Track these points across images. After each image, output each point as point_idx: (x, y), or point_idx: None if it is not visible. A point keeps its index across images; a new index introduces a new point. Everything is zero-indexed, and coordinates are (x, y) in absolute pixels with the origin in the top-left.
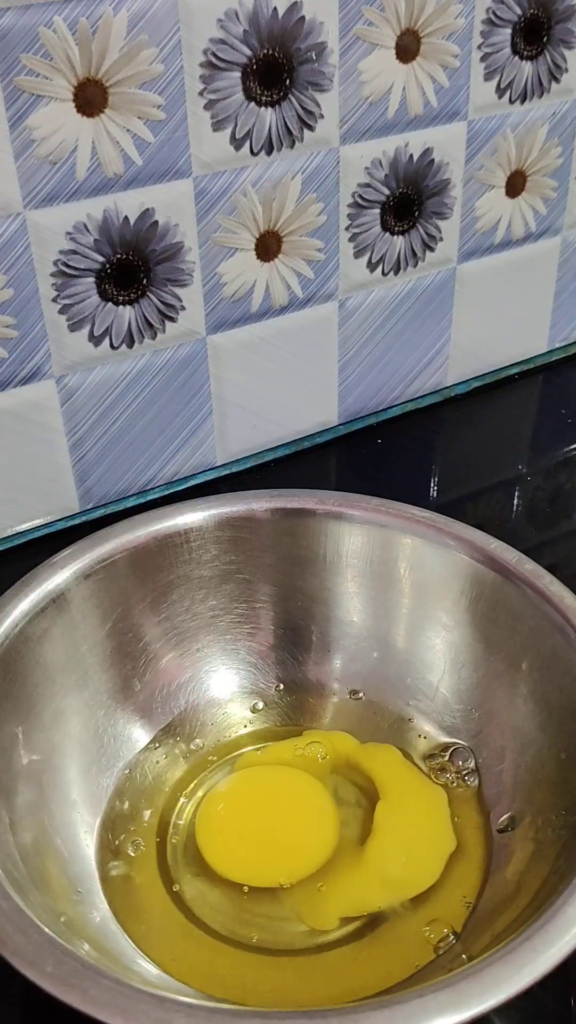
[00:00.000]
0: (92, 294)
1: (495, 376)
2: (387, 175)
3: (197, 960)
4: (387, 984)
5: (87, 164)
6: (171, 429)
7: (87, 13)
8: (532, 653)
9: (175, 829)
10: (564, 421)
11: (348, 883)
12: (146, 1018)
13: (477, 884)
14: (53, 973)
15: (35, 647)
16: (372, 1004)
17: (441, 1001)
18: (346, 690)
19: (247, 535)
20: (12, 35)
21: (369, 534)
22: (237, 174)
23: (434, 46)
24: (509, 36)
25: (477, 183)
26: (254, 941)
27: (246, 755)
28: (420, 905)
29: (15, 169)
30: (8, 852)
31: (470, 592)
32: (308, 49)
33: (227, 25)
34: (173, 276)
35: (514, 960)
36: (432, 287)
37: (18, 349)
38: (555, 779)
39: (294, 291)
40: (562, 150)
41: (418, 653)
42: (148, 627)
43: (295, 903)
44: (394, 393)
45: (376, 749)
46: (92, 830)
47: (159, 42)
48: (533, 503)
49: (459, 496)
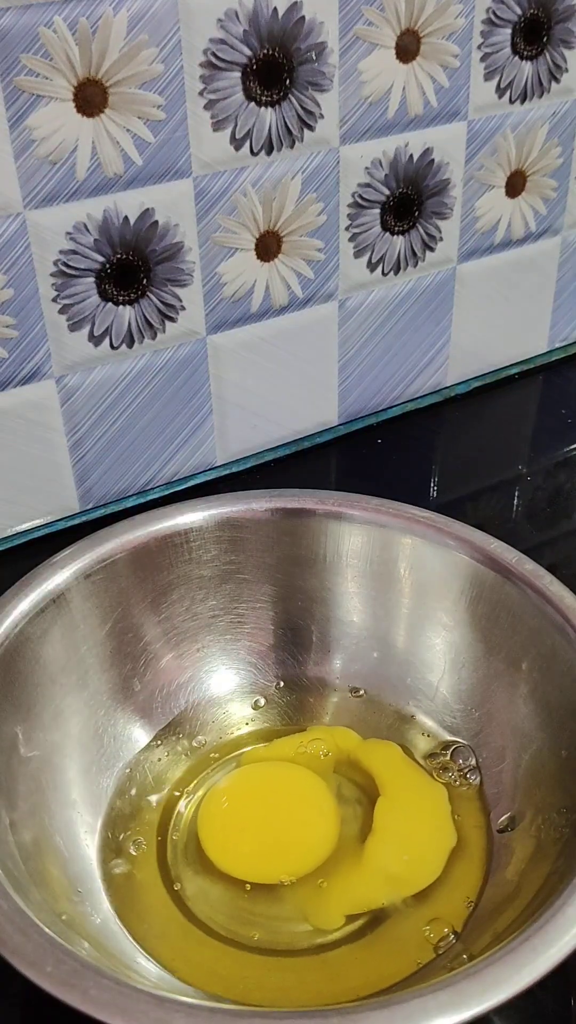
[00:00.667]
0: (92, 294)
1: (495, 376)
2: (387, 175)
3: (198, 959)
4: (387, 984)
5: (87, 164)
6: (171, 429)
7: (87, 13)
8: (532, 653)
9: (176, 828)
10: (564, 421)
11: (349, 880)
12: (146, 1018)
13: (478, 883)
14: (53, 973)
15: (35, 647)
16: (372, 1004)
17: (441, 1001)
18: (347, 687)
19: (247, 535)
20: (12, 35)
21: (369, 534)
22: (237, 174)
23: (434, 46)
24: (509, 36)
25: (477, 183)
26: (255, 940)
27: (249, 752)
28: (421, 904)
29: (15, 169)
30: (8, 852)
31: (470, 592)
32: (308, 49)
33: (227, 25)
34: (173, 276)
35: (514, 960)
36: (432, 287)
37: (18, 349)
38: (556, 778)
39: (294, 291)
40: (562, 150)
41: (418, 653)
42: (148, 627)
43: (297, 901)
44: (394, 393)
45: (377, 746)
46: (92, 830)
47: (159, 42)
48: (533, 503)
49: (459, 496)
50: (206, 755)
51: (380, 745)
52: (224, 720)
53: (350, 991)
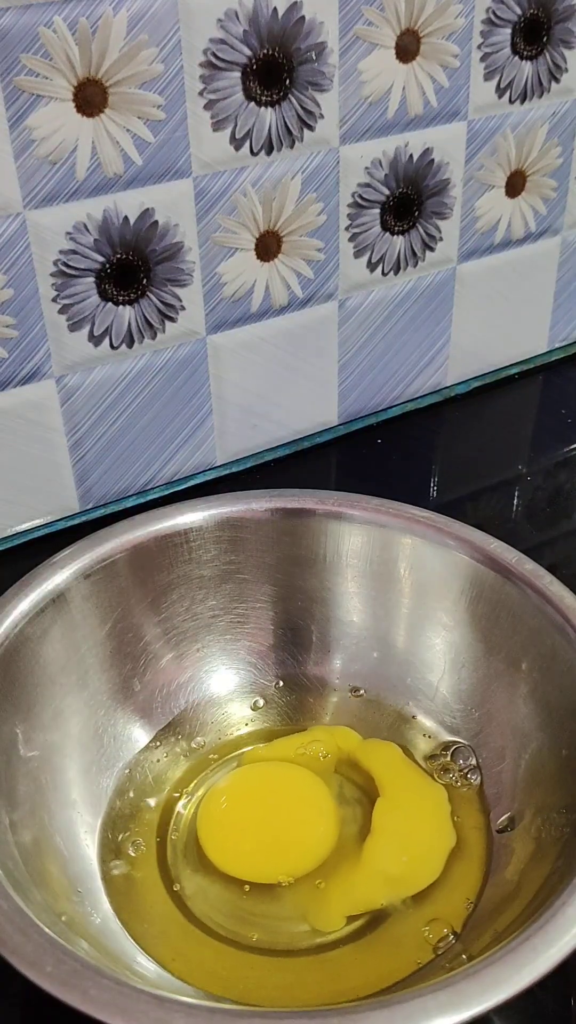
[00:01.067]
0: (92, 294)
1: (495, 376)
2: (387, 175)
3: (197, 959)
4: (387, 984)
5: (87, 164)
6: (171, 429)
7: (87, 13)
8: (532, 653)
9: (175, 828)
10: (564, 421)
11: (349, 880)
12: (146, 1018)
13: (478, 883)
14: (53, 973)
15: (35, 647)
16: (372, 1004)
17: (441, 1001)
18: (347, 688)
19: (247, 535)
20: (12, 35)
21: (369, 534)
22: (237, 174)
23: (434, 46)
24: (509, 36)
25: (477, 183)
26: (254, 940)
27: (249, 752)
28: (420, 904)
29: (15, 169)
30: (8, 852)
31: (470, 592)
32: (308, 49)
33: (227, 25)
34: (173, 276)
35: (514, 960)
36: (432, 287)
37: (18, 349)
38: (556, 778)
39: (294, 291)
40: (562, 150)
41: (418, 653)
42: (148, 627)
43: (296, 901)
44: (394, 393)
45: (377, 746)
46: (92, 830)
47: (159, 42)
48: (533, 503)
49: (459, 496)
50: (206, 755)
51: (380, 745)
52: (224, 720)
53: (350, 991)
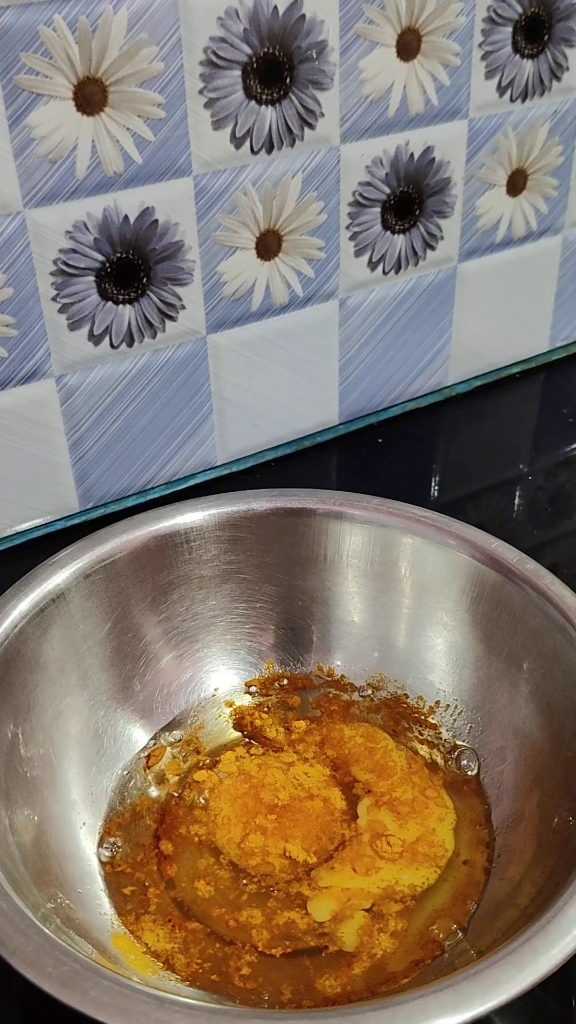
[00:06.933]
0: (92, 293)
1: (496, 375)
2: (388, 174)
3: (197, 959)
4: (388, 984)
5: (87, 163)
6: (171, 429)
7: (87, 12)
8: (533, 653)
9: (176, 827)
10: (565, 420)
11: (349, 880)
12: (146, 1018)
13: (479, 883)
14: (53, 973)
15: (35, 647)
16: (372, 1004)
17: (442, 1001)
18: (348, 688)
19: (247, 535)
20: (12, 33)
21: (370, 534)
22: (237, 173)
23: (435, 44)
24: (510, 34)
25: (478, 182)
26: (255, 940)
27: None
28: (422, 904)
29: (15, 168)
30: (8, 852)
31: (471, 592)
32: (309, 47)
33: (227, 23)
34: (173, 275)
35: (515, 961)
36: (433, 286)
37: (18, 348)
38: (556, 779)
39: (294, 290)
40: (563, 149)
41: (419, 653)
42: (148, 627)
43: (296, 901)
44: (395, 392)
45: (378, 745)
46: (92, 830)
47: (159, 40)
48: (534, 503)
49: (460, 495)
50: (206, 755)
51: (380, 745)
52: (224, 720)
53: (350, 991)
